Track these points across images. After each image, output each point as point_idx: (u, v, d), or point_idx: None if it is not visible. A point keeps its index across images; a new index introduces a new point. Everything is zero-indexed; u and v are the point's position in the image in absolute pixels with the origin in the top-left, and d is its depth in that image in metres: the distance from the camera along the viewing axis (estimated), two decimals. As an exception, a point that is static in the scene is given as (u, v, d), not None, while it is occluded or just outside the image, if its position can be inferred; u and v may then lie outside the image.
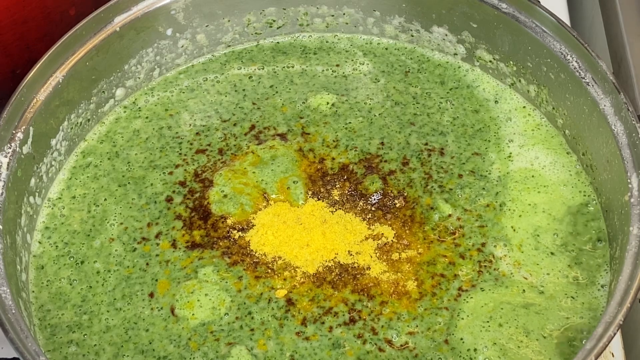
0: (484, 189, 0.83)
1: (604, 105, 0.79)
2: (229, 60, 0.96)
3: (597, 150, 0.81)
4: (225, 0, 0.93)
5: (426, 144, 0.88)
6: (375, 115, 0.90)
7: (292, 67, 0.95)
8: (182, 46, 0.94)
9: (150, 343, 0.75)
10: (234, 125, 0.90)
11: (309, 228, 0.81)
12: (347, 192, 0.83)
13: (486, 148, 0.87)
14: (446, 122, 0.89)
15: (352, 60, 0.96)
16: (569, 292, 0.76)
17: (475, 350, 0.73)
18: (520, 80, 0.90)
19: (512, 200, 0.82)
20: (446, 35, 0.93)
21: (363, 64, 0.95)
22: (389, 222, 0.81)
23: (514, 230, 0.80)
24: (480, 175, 0.85)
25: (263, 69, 0.95)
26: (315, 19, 0.97)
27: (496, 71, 0.92)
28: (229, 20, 0.95)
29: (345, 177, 0.85)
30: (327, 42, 0.98)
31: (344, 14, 0.96)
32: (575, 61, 0.83)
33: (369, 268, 0.78)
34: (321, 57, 0.96)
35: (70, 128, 0.87)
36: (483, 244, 0.79)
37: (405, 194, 0.83)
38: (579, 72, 0.82)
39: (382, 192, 0.83)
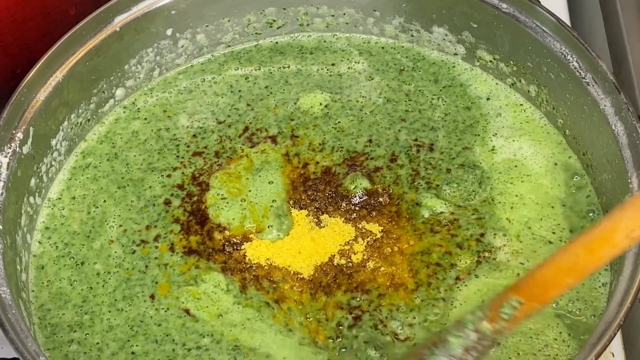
0: (478, 183, 0.84)
1: (604, 105, 0.79)
2: (227, 60, 0.96)
3: (597, 150, 0.81)
4: (226, 0, 0.93)
5: (415, 139, 0.88)
6: (366, 113, 0.91)
7: (288, 67, 0.95)
8: (182, 46, 0.94)
9: (167, 336, 0.75)
10: (229, 127, 0.90)
11: (297, 237, 0.81)
12: (327, 194, 0.84)
13: (474, 142, 0.87)
14: (437, 118, 0.90)
15: (348, 59, 0.96)
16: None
17: None
18: (520, 80, 0.90)
19: (501, 193, 0.83)
20: (446, 35, 0.93)
21: (358, 63, 0.95)
22: (375, 219, 0.81)
23: (510, 222, 0.81)
24: (469, 168, 0.85)
25: (259, 69, 0.95)
26: (316, 19, 0.97)
27: (496, 71, 0.92)
28: (229, 20, 0.95)
29: (327, 181, 0.85)
30: (324, 41, 0.98)
31: (344, 14, 0.96)
32: (576, 61, 0.83)
33: (363, 266, 0.78)
34: (317, 56, 0.96)
35: (70, 128, 0.87)
36: (482, 235, 0.80)
37: (390, 191, 0.83)
38: (579, 72, 0.82)
39: (365, 190, 0.83)
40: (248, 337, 0.75)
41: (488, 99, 0.91)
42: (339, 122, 0.90)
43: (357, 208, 0.82)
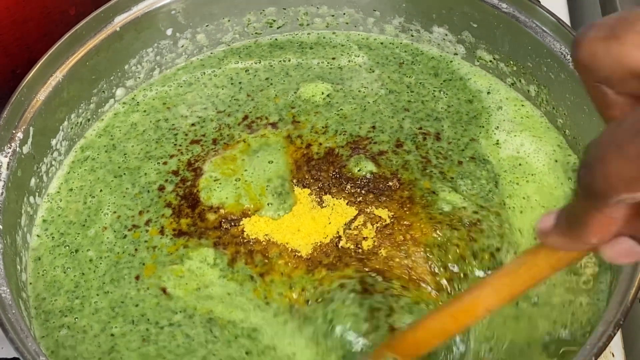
0: (494, 182, 0.83)
1: (604, 105, 0.79)
2: (227, 55, 0.97)
3: (597, 150, 0.81)
4: (226, 0, 0.93)
5: (420, 128, 0.88)
6: (368, 102, 0.91)
7: (289, 60, 0.96)
8: (182, 46, 0.94)
9: (143, 316, 0.75)
10: (228, 115, 0.90)
11: (298, 215, 0.81)
12: (331, 175, 0.83)
13: (479, 133, 0.87)
14: (441, 109, 0.90)
15: (348, 53, 0.96)
16: (565, 299, 0.75)
17: None
18: (520, 80, 0.90)
19: (510, 195, 0.82)
20: (446, 35, 0.93)
21: (358, 57, 0.96)
22: (384, 205, 0.81)
23: (521, 233, 0.80)
24: (480, 163, 0.84)
25: (259, 62, 0.96)
26: (316, 18, 0.97)
27: (496, 71, 0.92)
28: (229, 20, 0.95)
29: (331, 161, 0.85)
30: (324, 37, 0.98)
31: (344, 13, 0.96)
32: (575, 61, 0.83)
33: (375, 253, 0.77)
34: (317, 51, 0.97)
35: (70, 128, 0.87)
36: (498, 249, 0.78)
37: (400, 176, 0.83)
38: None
39: (371, 174, 0.83)
40: (226, 311, 0.75)
41: (488, 92, 0.91)
42: (341, 109, 0.90)
43: (363, 192, 0.82)
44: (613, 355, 0.82)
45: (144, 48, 0.91)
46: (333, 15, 0.97)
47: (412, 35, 0.96)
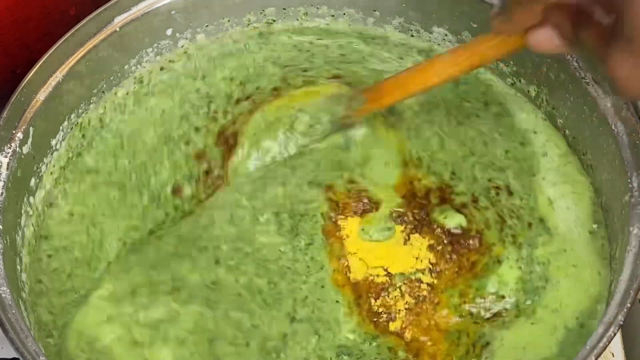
0: (545, 280, 0.75)
1: (605, 105, 0.79)
2: (265, 32, 0.92)
3: (597, 150, 0.81)
4: (226, 0, 0.93)
5: (490, 180, 0.81)
6: (444, 131, 0.84)
7: (357, 45, 0.90)
8: (182, 46, 0.94)
9: None
10: (304, 71, 0.85)
11: (386, 246, 0.76)
12: (421, 216, 0.77)
13: (537, 187, 0.80)
14: (500, 155, 0.83)
15: (411, 55, 0.92)
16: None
17: None
18: (520, 80, 0.90)
19: (546, 305, 0.74)
20: (446, 35, 0.93)
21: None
22: (447, 265, 0.75)
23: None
24: (543, 229, 0.78)
25: (322, 39, 0.90)
26: (316, 19, 0.97)
27: (496, 71, 0.92)
28: (228, 20, 0.95)
29: (424, 204, 0.78)
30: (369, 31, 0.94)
31: (344, 14, 0.96)
32: (575, 61, 0.83)
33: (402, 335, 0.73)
34: (379, 43, 0.91)
35: (70, 128, 0.87)
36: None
37: (482, 237, 0.76)
38: (579, 72, 0.82)
39: (461, 227, 0.76)
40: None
41: (534, 132, 0.85)
42: (427, 135, 0.83)
43: (445, 241, 0.76)
44: (613, 355, 0.82)
45: (144, 48, 0.91)
46: (333, 16, 0.97)
47: (412, 36, 0.96)
